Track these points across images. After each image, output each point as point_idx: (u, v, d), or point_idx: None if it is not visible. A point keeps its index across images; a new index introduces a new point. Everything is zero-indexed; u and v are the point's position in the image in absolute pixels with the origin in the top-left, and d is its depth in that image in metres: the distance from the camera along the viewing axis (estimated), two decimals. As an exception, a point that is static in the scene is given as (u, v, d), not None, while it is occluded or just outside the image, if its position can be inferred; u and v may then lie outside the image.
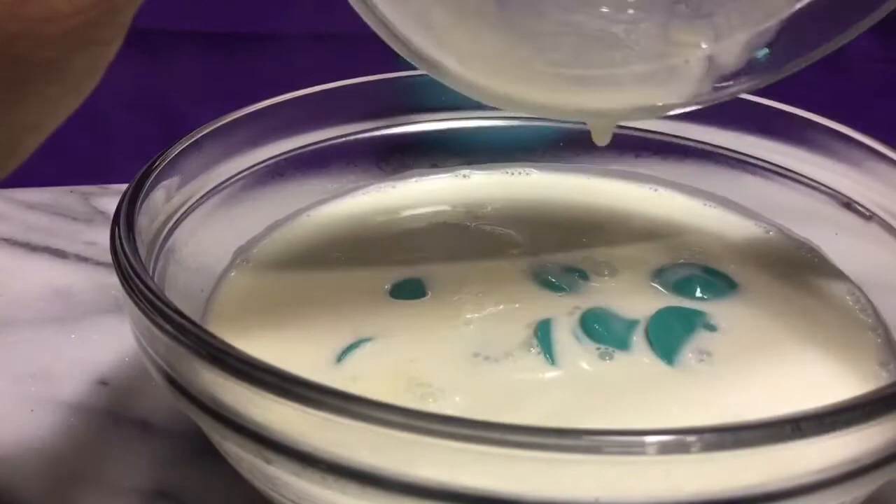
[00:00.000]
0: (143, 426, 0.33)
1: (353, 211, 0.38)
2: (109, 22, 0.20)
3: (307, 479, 0.21)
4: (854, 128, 0.34)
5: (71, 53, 0.20)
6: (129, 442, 0.32)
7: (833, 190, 0.35)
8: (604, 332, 0.30)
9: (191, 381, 0.23)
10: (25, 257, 0.43)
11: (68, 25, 0.19)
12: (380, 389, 0.28)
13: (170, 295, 0.25)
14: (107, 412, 0.33)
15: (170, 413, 0.33)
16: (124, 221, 0.27)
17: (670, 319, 0.31)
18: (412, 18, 0.27)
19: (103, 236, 0.29)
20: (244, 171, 0.35)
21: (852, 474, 0.21)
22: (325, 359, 0.29)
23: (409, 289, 0.33)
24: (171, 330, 0.23)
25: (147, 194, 0.29)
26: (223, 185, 0.34)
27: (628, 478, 0.20)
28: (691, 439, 0.19)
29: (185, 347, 0.23)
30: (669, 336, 0.30)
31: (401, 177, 0.40)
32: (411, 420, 0.20)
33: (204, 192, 0.33)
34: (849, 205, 0.34)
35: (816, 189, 0.36)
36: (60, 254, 0.43)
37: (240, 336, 0.26)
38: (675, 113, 0.32)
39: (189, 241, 0.32)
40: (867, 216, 0.34)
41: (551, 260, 0.34)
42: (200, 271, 0.32)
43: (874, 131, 0.34)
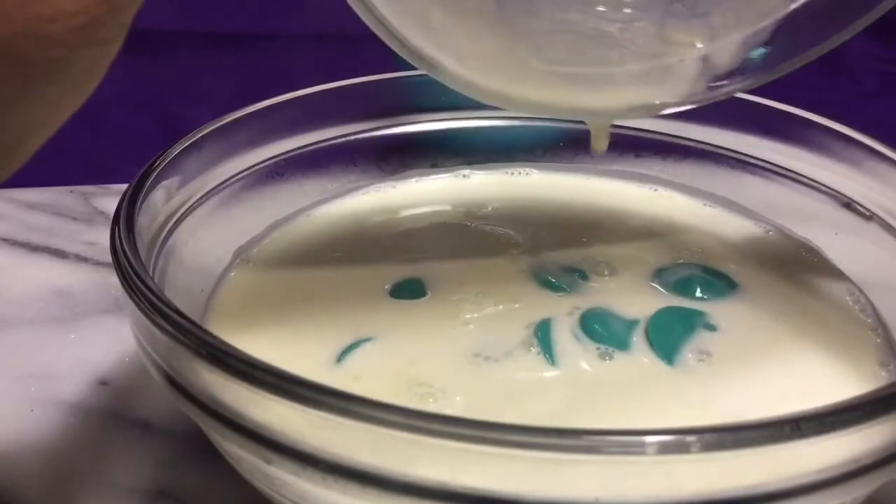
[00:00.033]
0: (143, 426, 0.33)
1: (353, 211, 0.38)
2: (110, 21, 0.20)
3: (307, 479, 0.21)
4: (854, 128, 0.34)
5: (73, 53, 0.20)
6: (129, 442, 0.32)
7: (833, 190, 0.35)
8: (604, 332, 0.30)
9: (191, 381, 0.23)
10: (25, 257, 0.43)
11: (71, 25, 0.19)
12: (380, 389, 0.28)
13: (170, 295, 0.25)
14: (107, 412, 0.33)
15: (170, 413, 0.33)
16: (124, 221, 0.27)
17: (670, 319, 0.31)
18: (411, 19, 0.27)
19: (103, 236, 0.29)
20: (244, 171, 0.35)
21: (852, 474, 0.21)
22: (325, 359, 0.29)
23: (409, 289, 0.33)
24: (171, 330, 0.23)
25: (147, 194, 0.29)
26: (223, 185, 0.34)
27: (628, 478, 0.20)
28: (691, 439, 0.19)
29: (184, 347, 0.23)
30: (669, 336, 0.30)
31: (401, 177, 0.40)
32: (411, 420, 0.20)
33: (204, 192, 0.33)
34: (849, 205, 0.34)
35: (816, 189, 0.36)
36: (60, 254, 0.43)
37: (240, 336, 0.26)
38: (671, 112, 0.32)
39: (189, 241, 0.32)
40: (867, 216, 0.34)
41: (551, 260, 0.34)
42: (200, 271, 0.32)
43: (874, 131, 0.34)
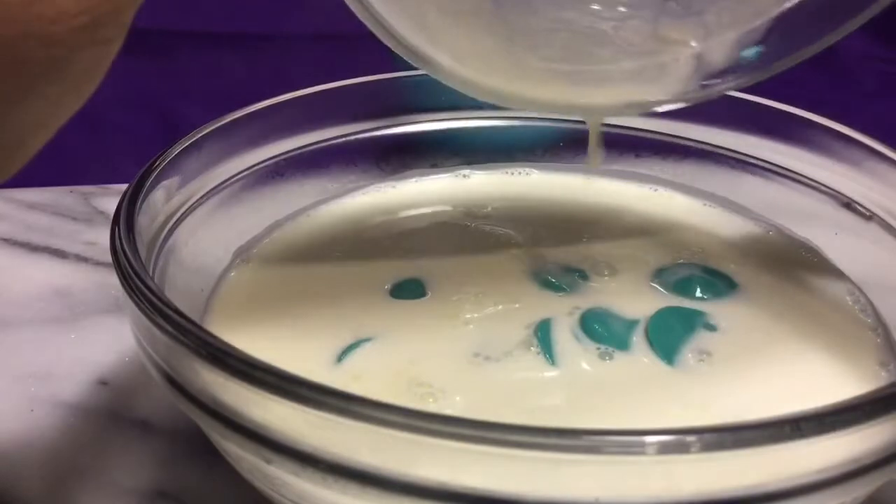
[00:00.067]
0: (143, 426, 0.33)
1: (353, 211, 0.38)
2: (111, 22, 0.20)
3: (307, 479, 0.21)
4: (854, 128, 0.34)
5: (74, 53, 0.20)
6: (129, 442, 0.32)
7: (833, 190, 0.35)
8: (604, 332, 0.30)
9: (191, 381, 0.23)
10: (25, 257, 0.43)
11: (73, 25, 0.19)
12: (380, 389, 0.28)
13: (170, 295, 0.25)
14: (107, 412, 0.33)
15: (170, 413, 0.33)
16: (124, 221, 0.27)
17: (670, 319, 0.31)
18: (408, 17, 0.27)
19: (103, 236, 0.29)
20: (244, 171, 0.35)
21: (852, 474, 0.21)
22: (326, 358, 0.29)
23: (409, 289, 0.33)
24: (171, 330, 0.23)
25: (147, 194, 0.29)
26: (223, 185, 0.34)
27: (628, 478, 0.20)
28: (691, 439, 0.19)
29: (184, 347, 0.23)
30: (669, 336, 0.30)
31: (401, 177, 0.40)
32: (411, 420, 0.20)
33: (204, 192, 0.33)
34: (849, 205, 0.34)
35: (816, 189, 0.35)
36: (60, 254, 0.43)
37: (240, 336, 0.26)
38: (665, 110, 0.32)
39: (189, 241, 0.32)
40: (867, 216, 0.34)
41: (551, 260, 0.34)
42: (200, 271, 0.32)
43: (874, 131, 0.34)
